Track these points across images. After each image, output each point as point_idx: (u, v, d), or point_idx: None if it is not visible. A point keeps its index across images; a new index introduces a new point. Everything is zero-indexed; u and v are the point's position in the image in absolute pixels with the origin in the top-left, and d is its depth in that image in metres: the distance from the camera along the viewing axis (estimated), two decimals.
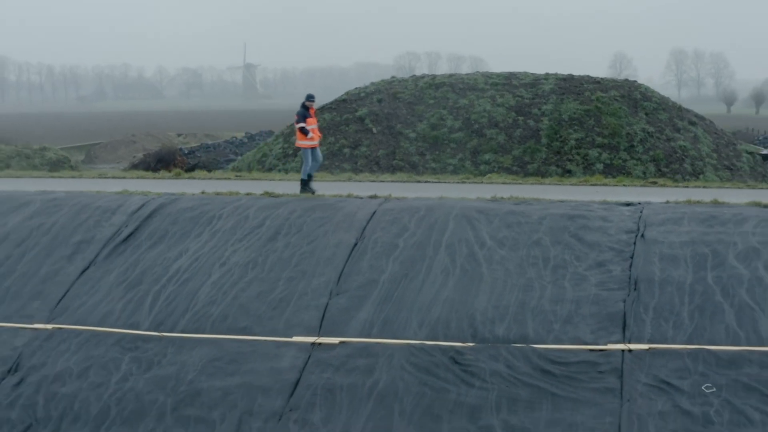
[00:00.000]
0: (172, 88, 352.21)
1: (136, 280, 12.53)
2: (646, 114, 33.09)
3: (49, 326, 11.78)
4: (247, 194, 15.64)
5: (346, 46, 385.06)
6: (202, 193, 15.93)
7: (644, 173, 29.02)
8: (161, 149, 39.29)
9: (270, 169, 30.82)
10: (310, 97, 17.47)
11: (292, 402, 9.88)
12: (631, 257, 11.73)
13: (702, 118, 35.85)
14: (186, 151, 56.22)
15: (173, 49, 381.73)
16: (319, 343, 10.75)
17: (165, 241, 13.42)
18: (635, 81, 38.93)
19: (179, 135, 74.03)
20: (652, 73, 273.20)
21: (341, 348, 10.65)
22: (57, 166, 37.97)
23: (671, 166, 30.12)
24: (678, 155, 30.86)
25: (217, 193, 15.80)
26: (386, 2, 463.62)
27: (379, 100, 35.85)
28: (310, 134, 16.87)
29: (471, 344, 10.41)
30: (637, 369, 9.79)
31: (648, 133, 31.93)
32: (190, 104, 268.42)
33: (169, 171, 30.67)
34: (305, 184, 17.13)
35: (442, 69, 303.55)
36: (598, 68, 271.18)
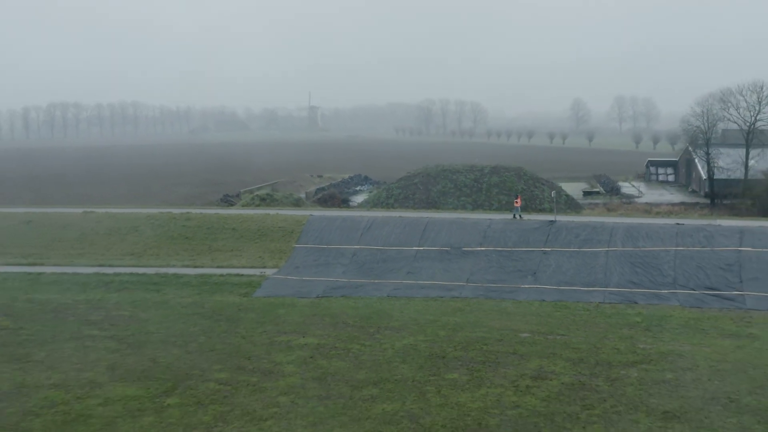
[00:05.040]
0: (256, 123, 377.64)
1: (373, 235, 41.20)
2: (524, 180, 54.76)
3: (358, 246, 40.59)
4: (392, 216, 44.90)
5: (381, 89, 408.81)
6: (399, 216, 45.29)
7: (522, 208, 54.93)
8: (330, 192, 62.96)
9: (381, 204, 55.33)
10: (516, 194, 42.09)
11: (414, 258, 38.79)
12: (486, 231, 40.62)
13: (547, 180, 57.89)
14: (324, 187, 72.70)
15: (257, 93, 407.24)
16: (418, 249, 40.00)
17: (379, 229, 41.52)
18: (522, 168, 59.41)
19: (311, 176, 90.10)
20: (602, 112, 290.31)
21: (423, 249, 39.59)
22: (298, 203, 51.67)
23: (532, 203, 53.35)
24: (535, 198, 53.80)
25: (385, 216, 45.14)
26: (410, 54, 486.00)
27: (422, 175, 58.07)
28: (518, 201, 41.87)
29: (449, 248, 39.43)
30: (482, 251, 39.00)
31: (523, 188, 53.05)
32: (270, 136, 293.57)
33: (334, 205, 57.26)
34: (514, 216, 39.49)
35: (451, 110, 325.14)
36: (562, 107, 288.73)
